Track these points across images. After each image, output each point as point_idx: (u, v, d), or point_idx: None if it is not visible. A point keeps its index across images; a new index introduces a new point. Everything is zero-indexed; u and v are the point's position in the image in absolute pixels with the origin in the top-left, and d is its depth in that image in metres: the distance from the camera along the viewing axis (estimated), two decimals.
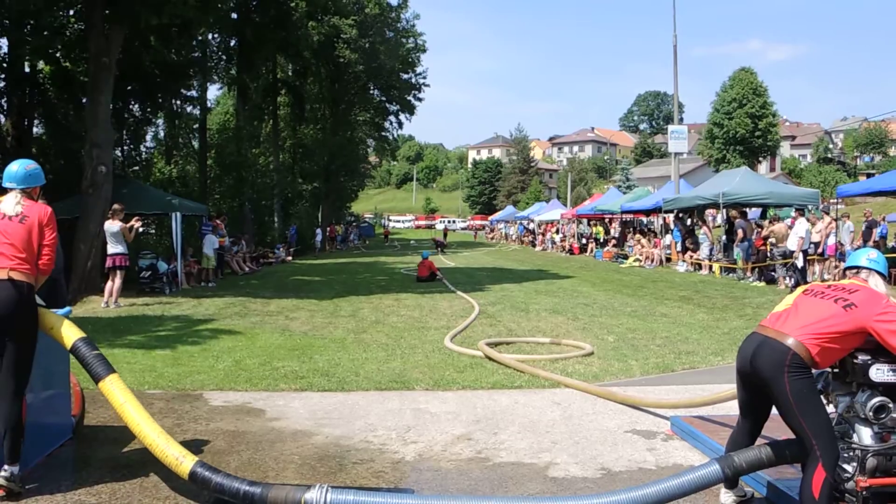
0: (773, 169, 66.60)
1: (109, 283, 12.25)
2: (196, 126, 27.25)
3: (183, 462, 3.56)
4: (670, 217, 24.00)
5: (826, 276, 16.06)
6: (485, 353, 7.41)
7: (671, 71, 26.34)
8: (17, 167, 4.06)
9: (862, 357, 3.27)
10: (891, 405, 3.23)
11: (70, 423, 4.73)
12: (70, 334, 3.99)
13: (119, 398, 3.85)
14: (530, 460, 4.43)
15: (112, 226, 12.47)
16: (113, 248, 12.37)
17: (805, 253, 14.16)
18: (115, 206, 12.84)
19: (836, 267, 15.61)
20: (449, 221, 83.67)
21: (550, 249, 34.59)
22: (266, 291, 14.70)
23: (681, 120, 61.20)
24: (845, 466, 3.23)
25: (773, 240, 16.20)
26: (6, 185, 4.06)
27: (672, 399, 5.63)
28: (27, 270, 3.81)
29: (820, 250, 15.36)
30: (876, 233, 19.35)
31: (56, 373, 4.56)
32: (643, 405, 5.57)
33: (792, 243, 14.67)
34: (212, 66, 26.44)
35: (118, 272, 12.29)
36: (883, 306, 3.20)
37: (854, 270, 3.55)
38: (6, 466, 3.64)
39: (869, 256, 3.55)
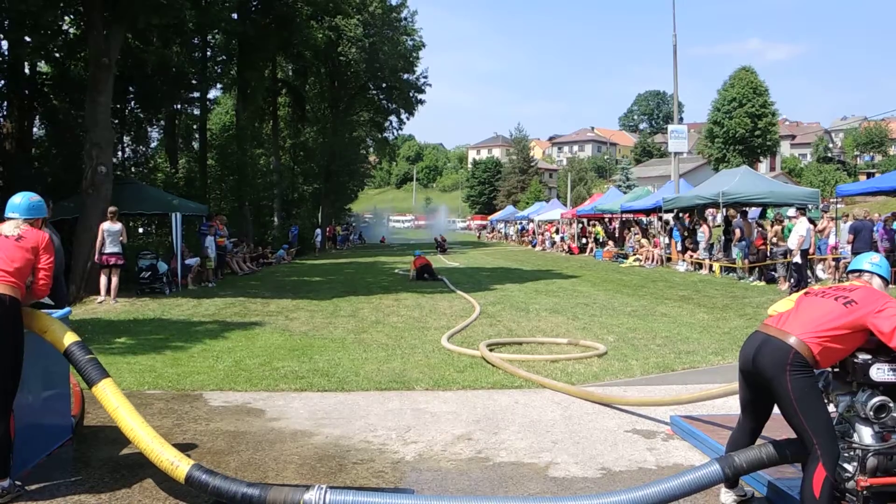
0: (773, 168, 66.52)
1: (104, 280, 12.85)
2: (196, 126, 27.24)
3: (179, 466, 3.54)
4: (670, 216, 24.00)
5: (825, 276, 16.07)
6: (481, 354, 7.39)
7: (671, 70, 26.38)
8: (20, 199, 4.16)
9: (862, 357, 3.27)
10: (891, 405, 3.23)
11: (70, 424, 4.73)
12: (64, 338, 3.98)
13: (112, 402, 3.83)
14: (530, 460, 4.43)
15: (113, 226, 12.97)
16: (111, 247, 12.88)
17: (805, 252, 14.14)
18: (112, 207, 13.43)
19: (836, 268, 15.61)
20: (449, 221, 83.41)
21: (550, 249, 34.59)
22: (266, 291, 14.70)
23: (681, 119, 61.20)
24: (846, 466, 3.23)
25: (774, 239, 16.19)
26: (9, 214, 4.12)
27: (657, 397, 5.63)
28: (12, 283, 3.74)
29: (812, 250, 15.36)
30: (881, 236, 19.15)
31: (56, 373, 4.56)
32: (623, 403, 5.56)
33: (792, 242, 14.66)
34: (212, 67, 26.39)
35: (116, 270, 12.91)
36: (883, 303, 3.21)
37: (856, 273, 3.59)
38: None
39: (871, 260, 3.59)
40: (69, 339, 3.98)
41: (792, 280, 14.30)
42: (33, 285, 3.97)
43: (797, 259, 14.06)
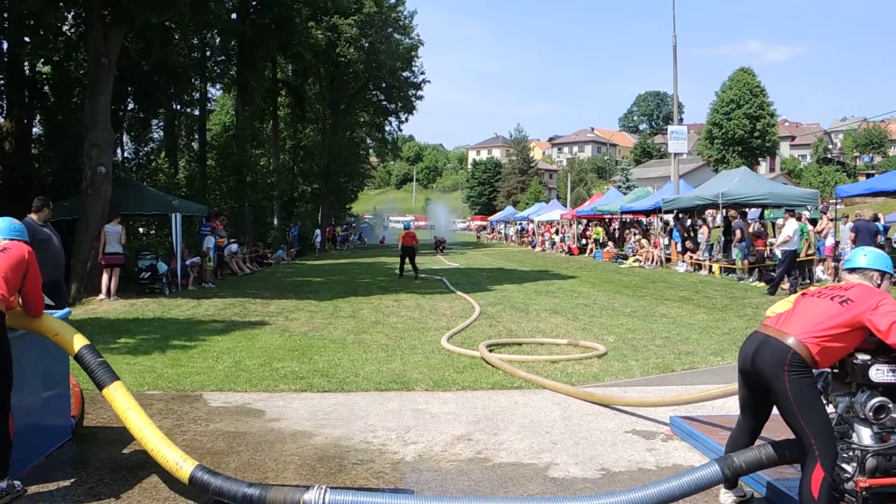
0: (772, 169, 66.64)
1: (106, 279, 13.24)
2: (196, 127, 27.27)
3: (183, 466, 3.62)
4: (669, 217, 24.00)
5: (825, 277, 16.08)
6: (481, 355, 7.39)
7: (671, 71, 26.40)
8: (1, 223, 4.34)
9: (861, 357, 3.27)
10: (890, 405, 3.23)
11: (69, 424, 4.73)
12: (75, 342, 4.06)
13: (122, 405, 3.94)
14: (530, 461, 4.43)
15: (114, 227, 13.46)
16: (112, 247, 13.30)
17: (794, 253, 14.16)
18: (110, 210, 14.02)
19: (835, 269, 15.62)
20: (450, 222, 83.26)
21: (550, 250, 34.60)
22: (266, 292, 14.70)
23: (680, 120, 61.23)
24: (845, 466, 3.24)
25: (772, 240, 16.19)
26: None
27: (657, 397, 5.63)
28: None
29: (812, 251, 15.39)
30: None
31: (56, 374, 4.57)
32: (623, 404, 5.56)
33: (779, 241, 14.69)
34: (212, 67, 26.42)
35: (115, 269, 13.34)
36: (878, 300, 3.21)
37: (852, 271, 3.57)
38: None
39: (865, 255, 3.57)
40: (79, 342, 4.07)
41: (792, 279, 14.33)
42: (28, 307, 4.06)
43: (778, 252, 14.11)
